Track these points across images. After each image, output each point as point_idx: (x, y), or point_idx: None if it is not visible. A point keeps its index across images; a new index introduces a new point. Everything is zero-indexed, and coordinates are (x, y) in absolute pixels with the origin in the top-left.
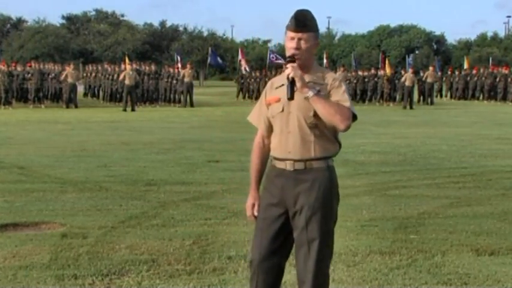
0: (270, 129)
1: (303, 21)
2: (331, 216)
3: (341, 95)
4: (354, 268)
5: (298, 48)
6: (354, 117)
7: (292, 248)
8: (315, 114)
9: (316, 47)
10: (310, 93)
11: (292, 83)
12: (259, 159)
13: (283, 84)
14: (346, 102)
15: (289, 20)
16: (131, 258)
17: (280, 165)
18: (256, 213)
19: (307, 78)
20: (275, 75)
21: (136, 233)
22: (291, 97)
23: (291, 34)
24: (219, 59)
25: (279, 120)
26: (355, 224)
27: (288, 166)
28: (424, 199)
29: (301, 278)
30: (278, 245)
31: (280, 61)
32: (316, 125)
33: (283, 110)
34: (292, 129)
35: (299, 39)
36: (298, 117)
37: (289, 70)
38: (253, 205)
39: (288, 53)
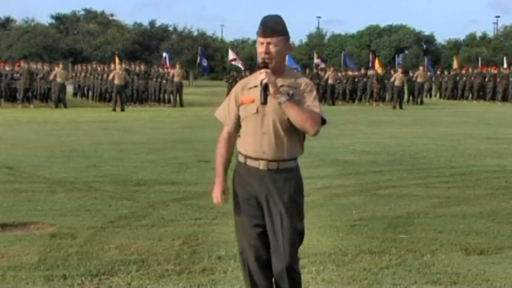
0: (237, 127)
1: (271, 26)
2: (301, 212)
3: (312, 101)
4: (343, 268)
5: (267, 52)
6: (323, 121)
7: None
8: (289, 118)
9: (287, 50)
10: (283, 99)
11: (265, 88)
12: (227, 153)
13: (257, 86)
14: (317, 108)
15: (259, 25)
16: (121, 259)
17: (253, 164)
18: (224, 201)
19: (280, 82)
20: None
21: (125, 233)
22: (264, 102)
23: (260, 39)
24: (204, 61)
25: (253, 121)
26: (345, 223)
27: (262, 166)
28: (413, 199)
29: (275, 264)
30: (262, 235)
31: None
32: (290, 127)
33: (257, 112)
34: (267, 130)
35: (268, 43)
36: (273, 120)
37: (263, 76)
38: (223, 192)
39: (259, 58)
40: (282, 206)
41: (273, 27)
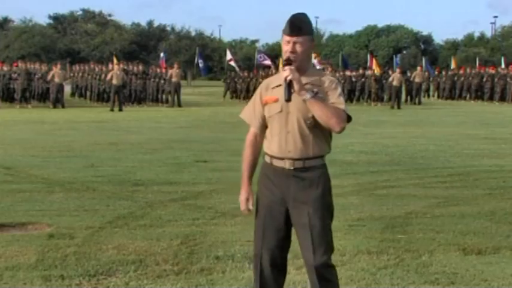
0: (263, 127)
1: (298, 25)
2: (330, 211)
3: (337, 98)
4: (341, 268)
5: (293, 51)
6: (349, 119)
7: (290, 245)
8: (314, 115)
9: (312, 49)
10: (308, 96)
11: (289, 85)
12: (253, 155)
13: (280, 85)
14: (342, 104)
15: (285, 23)
16: (119, 259)
17: (279, 163)
18: (250, 207)
19: (304, 80)
20: (266, 75)
21: (123, 233)
22: (288, 99)
23: (287, 38)
24: (200, 62)
25: (278, 120)
26: (343, 223)
27: (288, 165)
28: (411, 199)
29: (305, 264)
30: (281, 240)
31: (267, 62)
32: (315, 125)
33: (281, 110)
34: (292, 129)
35: (294, 42)
36: (297, 118)
37: (287, 72)
38: (248, 199)
39: (284, 56)
40: (309, 205)
41: (300, 26)
